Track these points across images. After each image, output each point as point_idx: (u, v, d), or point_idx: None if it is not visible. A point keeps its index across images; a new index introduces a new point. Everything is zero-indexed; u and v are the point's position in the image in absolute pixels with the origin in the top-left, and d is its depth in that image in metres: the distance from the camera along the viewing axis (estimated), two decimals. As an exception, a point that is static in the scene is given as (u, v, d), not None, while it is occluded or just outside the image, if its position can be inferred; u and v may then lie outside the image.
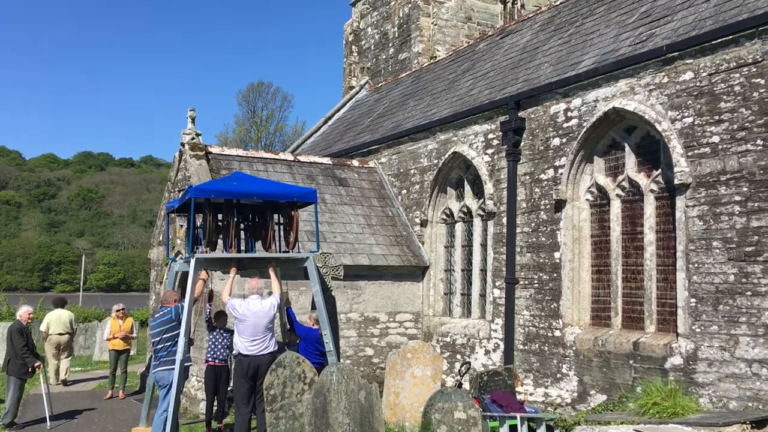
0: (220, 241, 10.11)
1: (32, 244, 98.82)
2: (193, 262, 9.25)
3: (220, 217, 10.00)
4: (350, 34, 26.13)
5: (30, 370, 11.54)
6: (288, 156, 15.88)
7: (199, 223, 10.23)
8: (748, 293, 8.13)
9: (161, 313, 9.16)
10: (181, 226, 13.59)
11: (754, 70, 8.23)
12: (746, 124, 8.27)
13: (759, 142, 8.11)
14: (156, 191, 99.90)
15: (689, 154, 8.93)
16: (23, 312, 11.97)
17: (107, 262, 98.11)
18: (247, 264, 10.27)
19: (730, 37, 8.46)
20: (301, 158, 15.81)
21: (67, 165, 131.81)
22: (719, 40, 8.60)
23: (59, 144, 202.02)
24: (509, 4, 23.05)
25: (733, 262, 8.31)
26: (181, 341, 8.83)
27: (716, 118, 8.64)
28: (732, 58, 8.51)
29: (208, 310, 10.67)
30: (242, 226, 10.24)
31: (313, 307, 10.50)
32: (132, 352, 16.99)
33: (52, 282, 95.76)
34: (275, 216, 10.22)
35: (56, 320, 15.88)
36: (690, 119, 8.98)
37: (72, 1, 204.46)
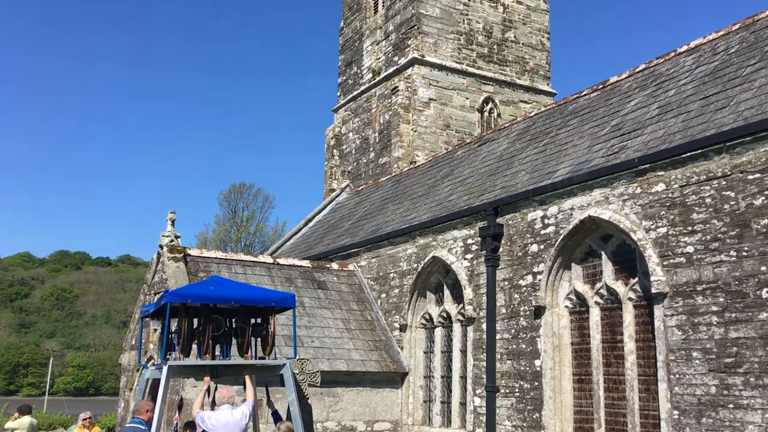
0: (194, 347, 9.85)
1: (0, 345, 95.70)
2: (165, 369, 8.97)
3: (195, 321, 9.80)
4: (332, 138, 26.78)
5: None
6: (267, 258, 15.84)
7: (173, 328, 10.01)
8: (731, 406, 8.01)
9: (132, 425, 8.77)
10: (155, 330, 13.29)
11: (724, 183, 8.49)
12: (719, 236, 8.43)
13: (732, 253, 8.25)
14: (132, 291, 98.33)
15: (665, 263, 9.04)
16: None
17: (77, 365, 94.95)
18: (221, 371, 9.98)
19: (699, 151, 8.77)
20: (281, 261, 15.77)
21: (42, 264, 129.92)
22: (688, 154, 8.91)
23: (36, 242, 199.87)
24: (486, 113, 23.89)
25: (714, 374, 8.24)
26: (149, 455, 8.41)
27: (689, 228, 8.81)
28: (702, 171, 8.78)
29: (176, 423, 10.25)
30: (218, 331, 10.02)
31: (288, 417, 10.15)
32: (97, 463, 16.16)
33: (18, 385, 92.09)
34: (252, 320, 10.05)
35: (30, 428, 15.19)
36: (664, 229, 9.14)
37: (55, 95, 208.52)
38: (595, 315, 10.49)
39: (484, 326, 12.02)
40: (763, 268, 7.91)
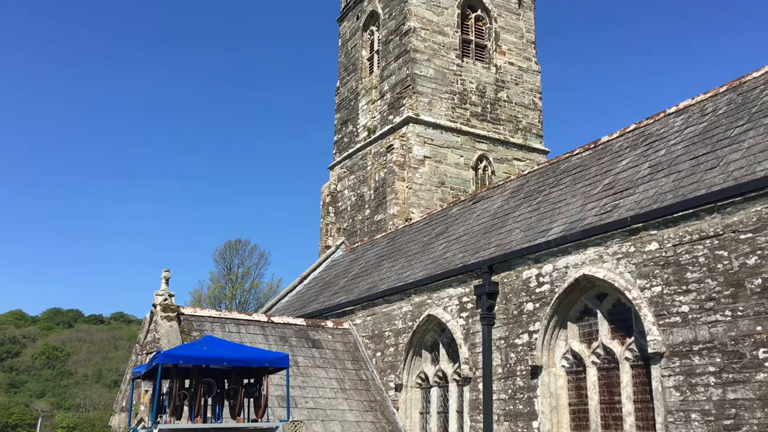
0: (186, 409, 9.69)
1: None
2: (155, 432, 8.80)
3: (187, 382, 9.68)
4: (327, 195, 26.92)
5: None
6: (261, 317, 15.72)
7: (165, 389, 9.86)
8: (732, 469, 7.87)
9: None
10: (146, 391, 13.07)
11: (717, 242, 8.53)
12: (713, 295, 8.43)
13: (728, 312, 8.23)
14: (124, 349, 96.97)
15: (660, 322, 9.00)
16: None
17: (66, 426, 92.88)
18: (213, 434, 9.79)
19: (691, 210, 8.84)
20: (275, 319, 15.64)
21: (34, 322, 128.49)
22: (680, 213, 8.97)
23: (29, 300, 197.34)
24: (480, 171, 24.11)
25: (714, 436, 8.11)
26: None
27: (684, 287, 8.81)
28: (694, 231, 8.83)
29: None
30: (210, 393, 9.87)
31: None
32: None
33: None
34: (245, 381, 9.92)
35: None
36: (659, 288, 9.14)
37: (46, 149, 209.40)
38: (592, 375, 10.38)
39: (480, 386, 11.87)
40: (759, 328, 7.89)
